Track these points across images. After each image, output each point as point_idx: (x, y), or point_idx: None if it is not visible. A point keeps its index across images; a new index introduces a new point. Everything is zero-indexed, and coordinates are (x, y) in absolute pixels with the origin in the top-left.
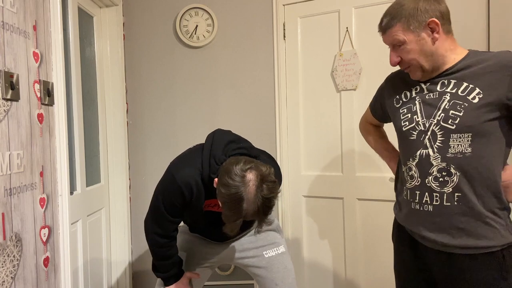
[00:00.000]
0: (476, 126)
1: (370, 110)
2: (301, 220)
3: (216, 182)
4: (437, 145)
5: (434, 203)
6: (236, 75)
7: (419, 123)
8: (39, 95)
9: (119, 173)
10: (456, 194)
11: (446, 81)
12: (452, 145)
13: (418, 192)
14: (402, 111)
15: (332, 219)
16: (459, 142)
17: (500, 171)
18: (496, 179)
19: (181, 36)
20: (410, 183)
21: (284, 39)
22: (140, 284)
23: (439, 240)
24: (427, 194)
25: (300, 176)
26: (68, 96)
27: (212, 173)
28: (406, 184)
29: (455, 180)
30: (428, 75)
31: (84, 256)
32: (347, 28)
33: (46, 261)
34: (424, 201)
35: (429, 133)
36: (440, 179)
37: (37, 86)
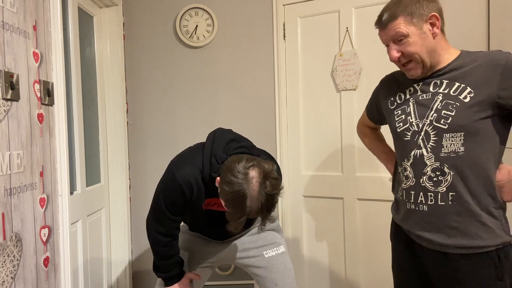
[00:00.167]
0: (468, 125)
1: (366, 113)
2: (301, 220)
3: (218, 181)
4: (430, 145)
5: (429, 202)
6: (236, 75)
7: (413, 123)
8: (39, 95)
9: (119, 173)
10: (450, 194)
11: (439, 81)
12: (445, 144)
13: (413, 192)
14: (396, 113)
15: (332, 219)
16: (452, 141)
17: (494, 169)
18: (491, 178)
19: (181, 36)
20: (406, 183)
21: (284, 39)
22: (140, 284)
23: (435, 240)
24: (421, 194)
25: (300, 176)
26: (68, 96)
27: (213, 172)
28: (402, 185)
29: (449, 179)
30: (424, 74)
31: (84, 256)
32: (347, 28)
33: (46, 261)
34: (419, 201)
35: (422, 133)
36: (434, 179)
37: (37, 86)
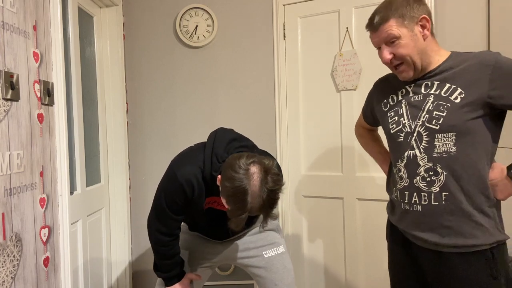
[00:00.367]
0: (459, 125)
1: (363, 115)
2: (301, 220)
3: (219, 179)
4: (423, 145)
5: (423, 203)
6: (236, 75)
7: (406, 125)
8: (39, 95)
9: (119, 173)
10: (443, 194)
11: (430, 82)
12: (437, 145)
13: (407, 192)
14: (389, 115)
15: (332, 219)
16: (444, 141)
17: (487, 168)
18: (483, 177)
19: (181, 36)
20: (400, 184)
21: (284, 39)
22: (140, 284)
23: (429, 239)
24: (415, 194)
25: (300, 176)
26: (68, 96)
27: (214, 170)
28: (397, 185)
29: (442, 179)
30: (415, 75)
31: (84, 256)
32: (347, 28)
33: (46, 261)
34: (413, 201)
35: (415, 134)
36: (428, 179)
37: (37, 86)
